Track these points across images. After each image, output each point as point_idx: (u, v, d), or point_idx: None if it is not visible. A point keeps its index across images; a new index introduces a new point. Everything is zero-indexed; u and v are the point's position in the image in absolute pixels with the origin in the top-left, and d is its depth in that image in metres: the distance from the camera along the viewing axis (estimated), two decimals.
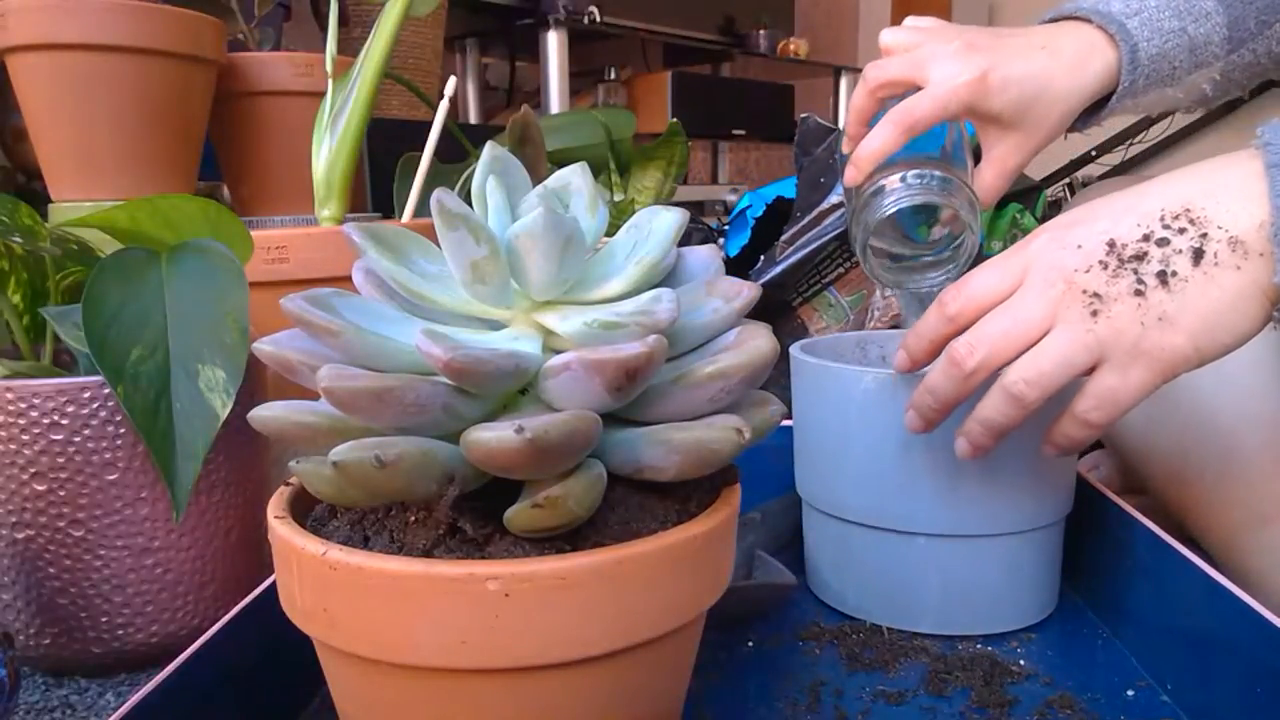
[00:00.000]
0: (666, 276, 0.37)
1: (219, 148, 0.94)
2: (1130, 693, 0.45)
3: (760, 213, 0.98)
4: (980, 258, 0.97)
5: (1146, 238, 0.39)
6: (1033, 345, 0.40)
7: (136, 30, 0.74)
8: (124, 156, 0.78)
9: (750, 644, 0.50)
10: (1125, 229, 0.39)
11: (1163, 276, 0.38)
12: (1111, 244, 0.39)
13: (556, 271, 0.32)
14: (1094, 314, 0.39)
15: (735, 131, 2.59)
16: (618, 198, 1.09)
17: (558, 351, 0.32)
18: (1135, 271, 0.38)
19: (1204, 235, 0.38)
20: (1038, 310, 0.40)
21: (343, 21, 1.16)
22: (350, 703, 0.34)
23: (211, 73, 0.83)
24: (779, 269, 0.83)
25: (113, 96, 0.76)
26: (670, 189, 1.11)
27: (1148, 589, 0.48)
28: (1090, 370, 0.40)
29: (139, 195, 0.52)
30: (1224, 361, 0.55)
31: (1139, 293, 0.38)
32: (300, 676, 0.43)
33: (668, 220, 0.36)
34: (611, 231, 0.41)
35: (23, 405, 0.46)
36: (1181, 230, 0.38)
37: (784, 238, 0.85)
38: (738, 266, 0.94)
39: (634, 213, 0.40)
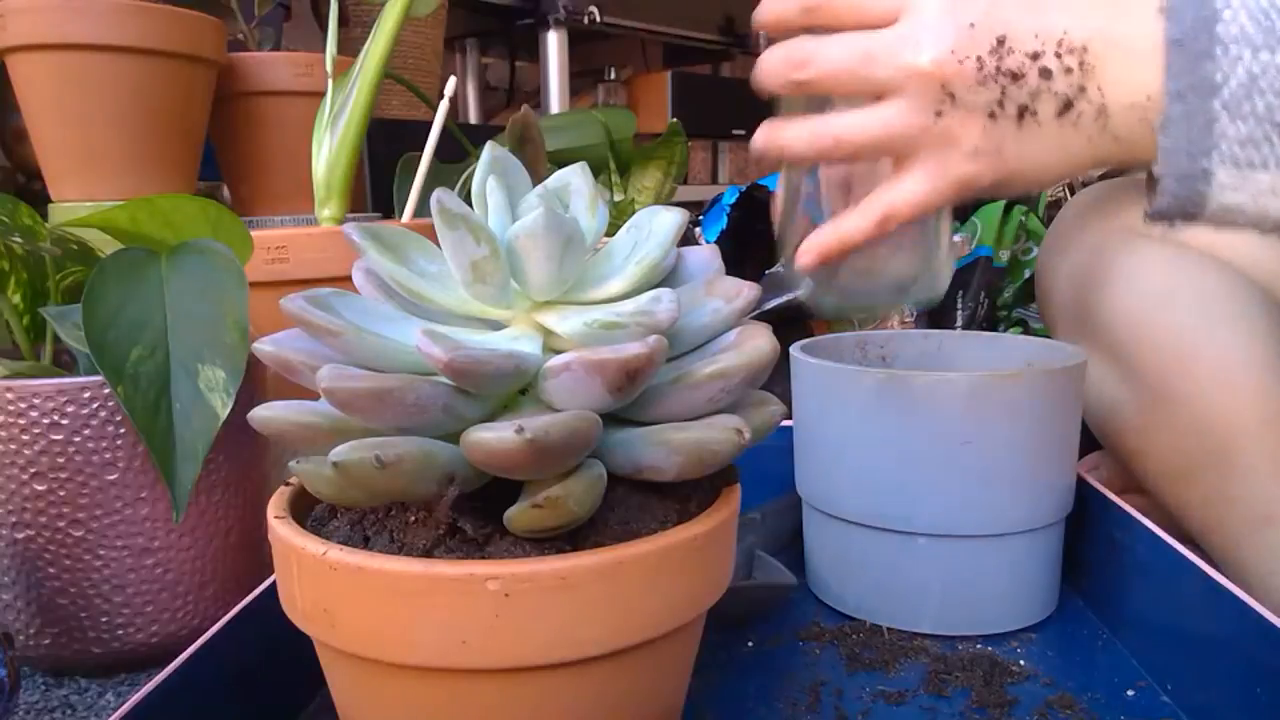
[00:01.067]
0: (666, 277, 0.37)
1: (219, 148, 0.94)
2: (1130, 693, 0.45)
3: (734, 199, 0.98)
4: (990, 269, 0.97)
5: (1035, 56, 0.36)
6: (863, 96, 0.38)
7: (137, 30, 0.74)
8: (124, 157, 0.78)
9: (750, 644, 0.50)
10: (1022, 31, 0.36)
11: (1022, 112, 0.36)
12: (1001, 40, 0.36)
13: (556, 272, 0.32)
14: (939, 114, 0.37)
15: (735, 131, 2.59)
16: (618, 198, 1.09)
17: (558, 352, 0.32)
18: (1003, 90, 0.36)
19: (1081, 89, 0.36)
20: (886, 70, 0.37)
21: (343, 21, 1.16)
22: (350, 703, 0.34)
23: (211, 73, 0.83)
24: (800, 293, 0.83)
25: (113, 96, 0.76)
26: (670, 189, 1.12)
27: (1148, 589, 0.48)
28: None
29: (139, 195, 0.52)
30: (1225, 361, 0.55)
31: (992, 116, 0.36)
32: (300, 676, 0.43)
33: (668, 220, 0.36)
34: (611, 231, 0.41)
35: (23, 405, 0.46)
36: (1068, 70, 0.36)
37: None
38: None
39: (634, 213, 0.39)
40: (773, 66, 0.40)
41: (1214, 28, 0.34)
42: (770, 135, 0.41)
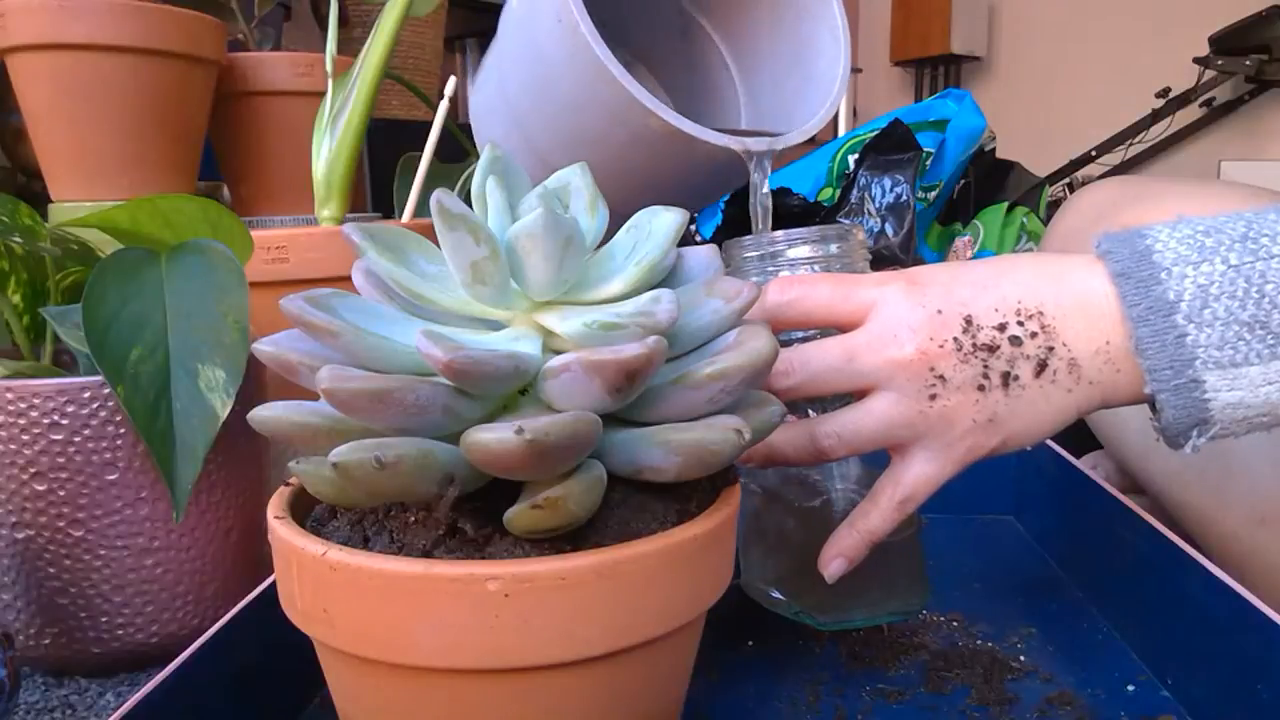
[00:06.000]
0: (666, 277, 0.37)
1: (219, 148, 0.94)
2: (1131, 688, 0.45)
3: (728, 197, 0.98)
4: None
5: (1001, 328, 0.38)
6: (851, 392, 0.40)
7: (136, 30, 0.74)
8: (124, 156, 0.78)
9: (750, 644, 0.50)
10: (982, 309, 0.38)
11: (1006, 379, 0.38)
12: (969, 320, 0.38)
13: (556, 272, 0.32)
14: (932, 397, 0.38)
15: None
16: None
17: (558, 352, 0.32)
18: (984, 363, 0.38)
19: (1050, 349, 0.38)
20: (872, 365, 0.39)
21: (343, 21, 1.16)
22: (350, 703, 0.34)
23: (211, 73, 0.83)
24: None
25: (113, 96, 0.76)
26: None
27: (1148, 584, 0.48)
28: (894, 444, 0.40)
29: (139, 195, 0.52)
30: None
31: (981, 388, 0.38)
32: (300, 676, 0.43)
33: (668, 220, 0.36)
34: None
35: (23, 405, 0.46)
36: (1033, 335, 0.38)
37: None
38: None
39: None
40: None
41: (1151, 257, 0.37)
42: (755, 452, 0.42)
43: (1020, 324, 0.38)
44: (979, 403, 0.38)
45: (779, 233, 0.48)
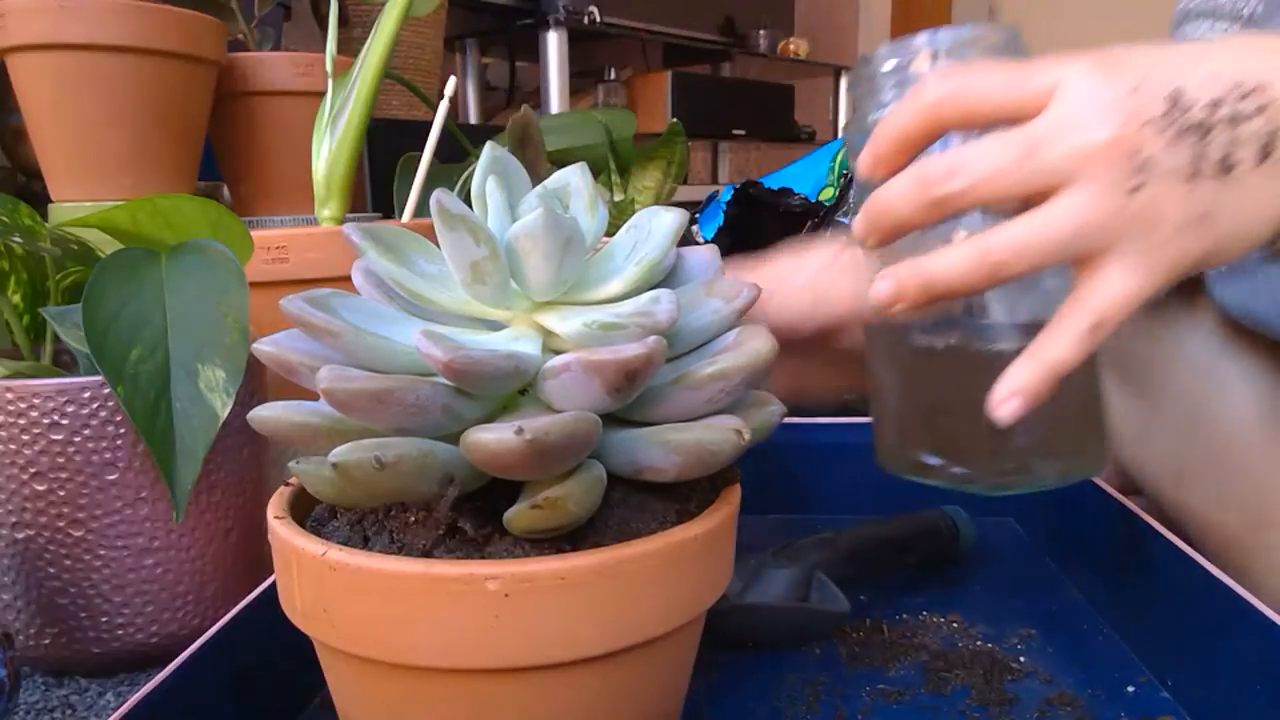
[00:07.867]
0: (666, 277, 0.37)
1: (219, 148, 0.94)
2: (1130, 689, 0.45)
3: (729, 197, 0.98)
4: None
5: (1216, 104, 0.31)
6: (1029, 195, 0.32)
7: (136, 30, 0.74)
8: (124, 157, 0.78)
9: (750, 644, 0.50)
10: (1196, 84, 0.31)
11: (1224, 164, 0.31)
12: (1176, 96, 0.31)
13: (556, 272, 0.32)
14: (1134, 189, 0.31)
15: (735, 131, 2.59)
16: (618, 198, 1.09)
17: (557, 352, 0.32)
18: (1196, 147, 0.31)
19: (1275, 130, 0.31)
20: (1056, 156, 0.31)
21: (343, 21, 1.16)
22: (350, 703, 0.34)
23: (211, 73, 0.83)
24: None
25: (113, 96, 0.76)
26: (670, 189, 1.12)
27: (1148, 584, 0.48)
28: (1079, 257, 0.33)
29: (139, 195, 0.52)
30: (1218, 367, 0.55)
31: (1193, 177, 0.31)
32: (300, 676, 0.43)
33: (668, 220, 0.36)
34: (611, 231, 0.41)
35: (23, 405, 0.46)
36: (1260, 108, 0.31)
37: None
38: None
39: (634, 213, 0.39)
40: (902, 195, 0.33)
41: None
42: (911, 272, 0.34)
43: (1242, 98, 0.31)
44: (1190, 195, 0.31)
45: (921, 34, 0.38)
